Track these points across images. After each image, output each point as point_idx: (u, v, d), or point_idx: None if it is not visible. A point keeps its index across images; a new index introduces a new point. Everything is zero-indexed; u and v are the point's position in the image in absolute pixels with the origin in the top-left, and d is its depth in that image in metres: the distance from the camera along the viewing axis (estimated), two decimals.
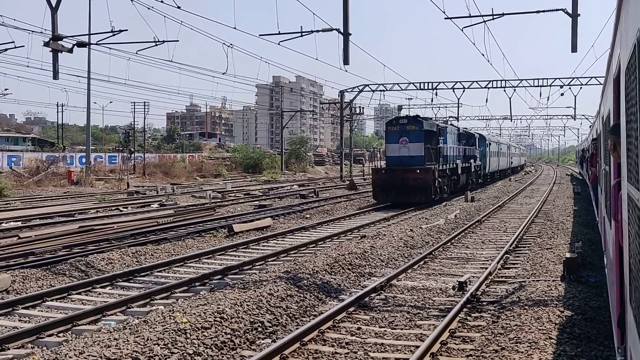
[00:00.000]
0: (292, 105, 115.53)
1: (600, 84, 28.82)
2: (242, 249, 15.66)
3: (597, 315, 8.53)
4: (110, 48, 22.76)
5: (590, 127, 30.98)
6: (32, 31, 23.17)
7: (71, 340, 7.69)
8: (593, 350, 7.13)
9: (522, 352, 6.98)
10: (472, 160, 36.99)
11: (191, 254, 14.28)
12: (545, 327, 7.87)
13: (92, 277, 11.78)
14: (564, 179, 54.65)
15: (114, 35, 19.33)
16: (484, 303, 9.83)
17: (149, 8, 17.33)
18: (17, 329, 8.42)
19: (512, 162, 66.55)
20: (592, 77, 35.94)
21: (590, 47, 30.90)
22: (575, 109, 52.42)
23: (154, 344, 7.06)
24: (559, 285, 10.36)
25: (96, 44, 20.20)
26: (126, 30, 19.25)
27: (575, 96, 59.73)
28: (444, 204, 27.98)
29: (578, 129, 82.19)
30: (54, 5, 15.89)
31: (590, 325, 8.04)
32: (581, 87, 37.55)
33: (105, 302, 9.94)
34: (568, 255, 11.43)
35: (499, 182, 48.86)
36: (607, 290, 8.53)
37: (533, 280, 10.95)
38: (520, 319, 8.31)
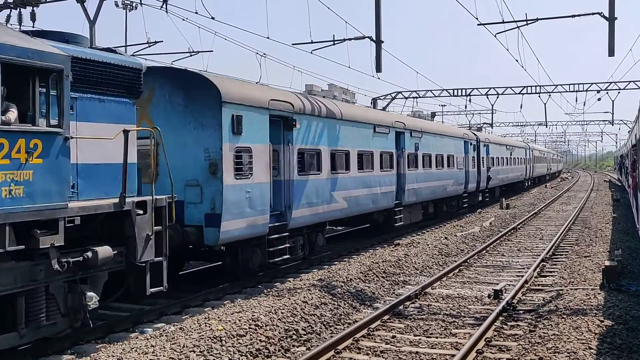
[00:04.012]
0: None
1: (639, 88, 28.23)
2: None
3: (639, 325, 8.33)
4: (146, 59, 23.05)
5: (629, 132, 30.35)
6: None
7: (109, 346, 7.82)
8: None
9: None
10: None
11: None
12: (584, 336, 7.71)
13: None
14: (601, 185, 53.58)
15: (149, 46, 19.70)
16: (521, 311, 9.68)
17: (183, 19, 17.64)
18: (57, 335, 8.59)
19: (491, 178, 32.26)
20: (630, 82, 35.09)
21: (629, 50, 30.26)
22: (613, 114, 51.34)
23: (190, 351, 7.14)
24: (598, 294, 10.14)
25: (132, 55, 20.55)
26: (162, 41, 19.65)
27: (612, 101, 58.69)
28: None
29: (616, 135, 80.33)
30: (92, 18, 16.31)
31: (632, 335, 7.86)
32: (619, 92, 36.57)
33: (142, 308, 10.08)
34: (607, 263, 11.18)
35: (534, 189, 48.09)
36: None
37: (571, 289, 10.75)
38: (558, 328, 8.15)
